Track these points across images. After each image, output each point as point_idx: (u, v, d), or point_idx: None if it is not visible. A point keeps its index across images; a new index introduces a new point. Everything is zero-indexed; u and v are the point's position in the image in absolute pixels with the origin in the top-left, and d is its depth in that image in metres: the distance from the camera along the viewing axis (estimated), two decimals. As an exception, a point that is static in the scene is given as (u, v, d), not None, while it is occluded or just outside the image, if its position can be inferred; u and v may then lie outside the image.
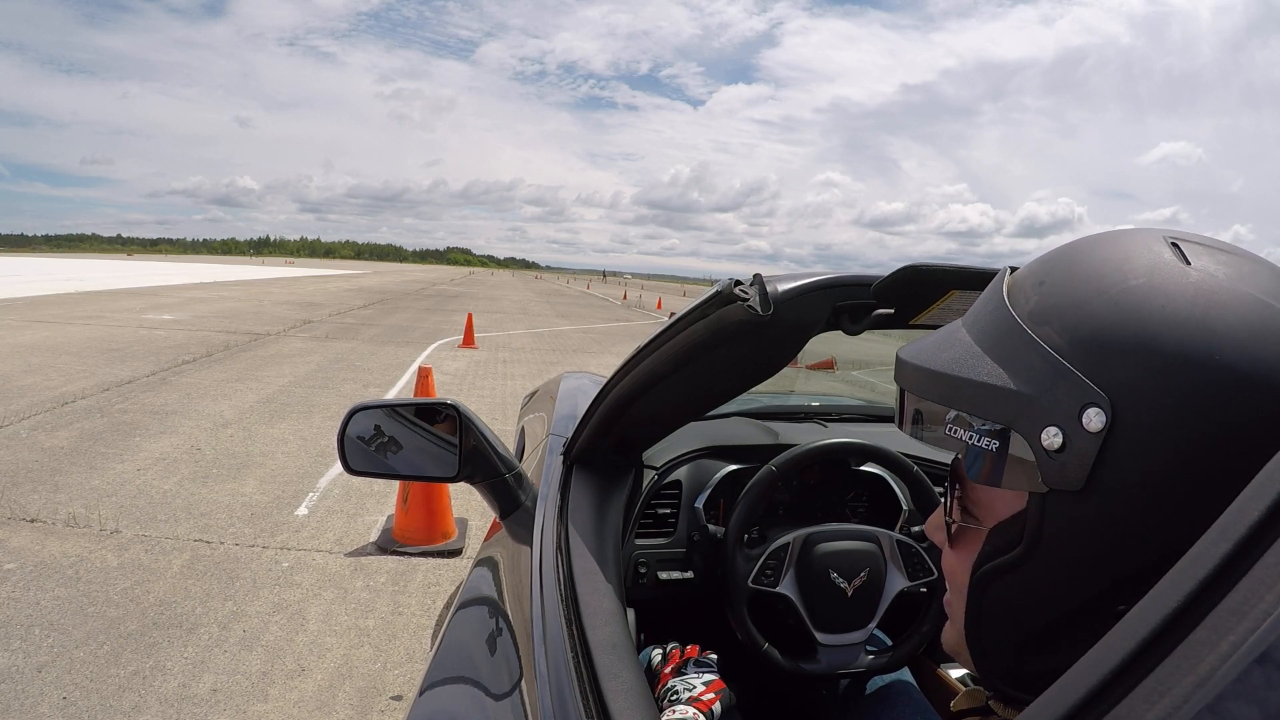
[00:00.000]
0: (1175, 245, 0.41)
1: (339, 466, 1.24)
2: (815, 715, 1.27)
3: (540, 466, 1.34)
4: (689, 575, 1.25)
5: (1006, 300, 0.44)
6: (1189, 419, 0.37)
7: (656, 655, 0.96)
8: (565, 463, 1.22)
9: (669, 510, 1.29)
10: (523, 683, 0.81)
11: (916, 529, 1.23)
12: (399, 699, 2.21)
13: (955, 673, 1.27)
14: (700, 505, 1.28)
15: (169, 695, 2.12)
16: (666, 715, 0.82)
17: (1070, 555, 0.41)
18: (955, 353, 0.45)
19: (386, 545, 3.26)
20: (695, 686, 0.86)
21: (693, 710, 0.82)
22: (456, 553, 3.26)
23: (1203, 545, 0.30)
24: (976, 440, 0.43)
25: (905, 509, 1.30)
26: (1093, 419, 0.38)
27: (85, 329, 9.59)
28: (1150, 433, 0.37)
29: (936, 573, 1.16)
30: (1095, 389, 0.38)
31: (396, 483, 3.48)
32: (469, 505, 3.70)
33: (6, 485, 3.69)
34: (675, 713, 0.82)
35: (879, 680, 1.17)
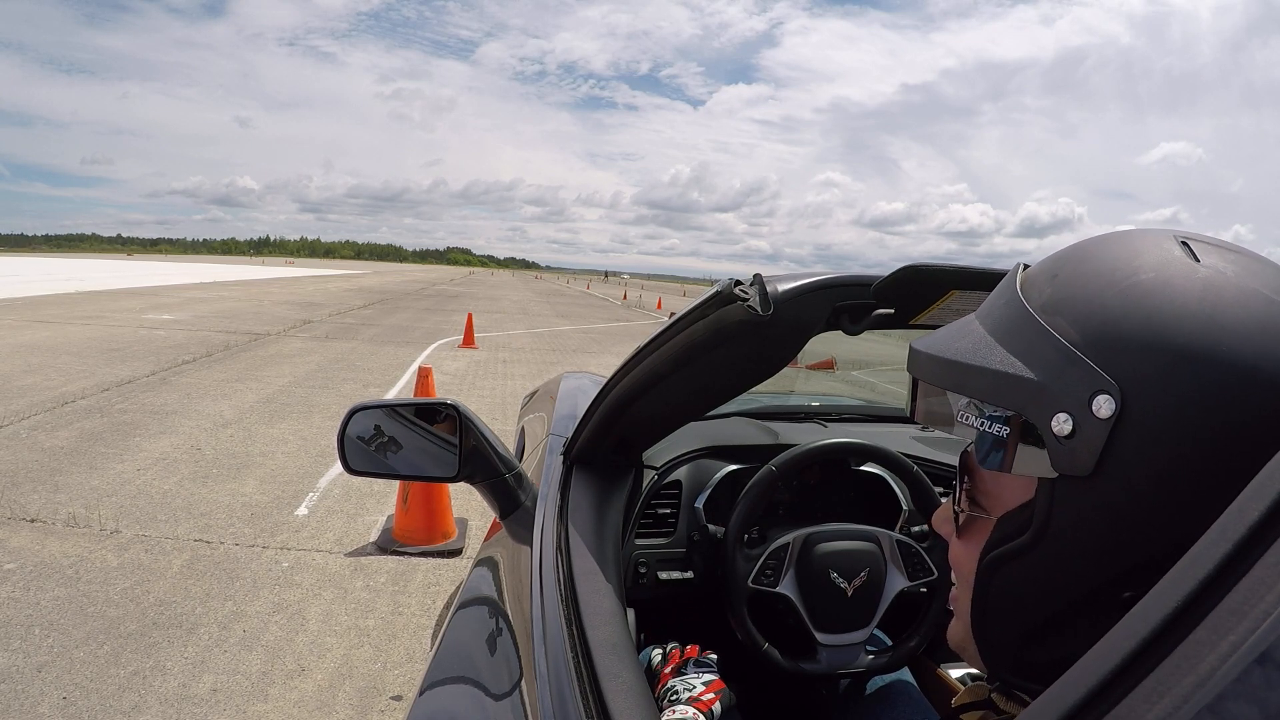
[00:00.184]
0: (1185, 244, 0.42)
1: (339, 466, 1.24)
2: (815, 715, 1.27)
3: (540, 466, 1.34)
4: (689, 575, 1.25)
5: (1020, 293, 0.45)
6: (1195, 409, 0.37)
7: (656, 655, 0.96)
8: (565, 463, 1.22)
9: (669, 510, 1.29)
10: (523, 683, 0.81)
11: (916, 529, 1.22)
12: (399, 699, 2.21)
13: (955, 672, 1.27)
14: (700, 505, 1.28)
15: (169, 695, 2.12)
16: (666, 715, 0.82)
17: (1077, 542, 0.41)
18: (968, 342, 0.46)
19: (386, 545, 3.26)
20: (695, 686, 0.86)
21: (693, 710, 0.82)
22: (456, 553, 3.26)
23: (1203, 545, 0.30)
24: (988, 427, 0.44)
25: (905, 509, 1.30)
26: (1102, 406, 0.39)
27: (85, 329, 9.59)
28: (1158, 420, 0.38)
29: (936, 573, 1.16)
30: (1105, 376, 0.39)
31: (396, 483, 3.48)
32: (469, 505, 3.70)
33: (6, 485, 3.69)
34: (675, 713, 0.82)
35: (879, 680, 1.17)
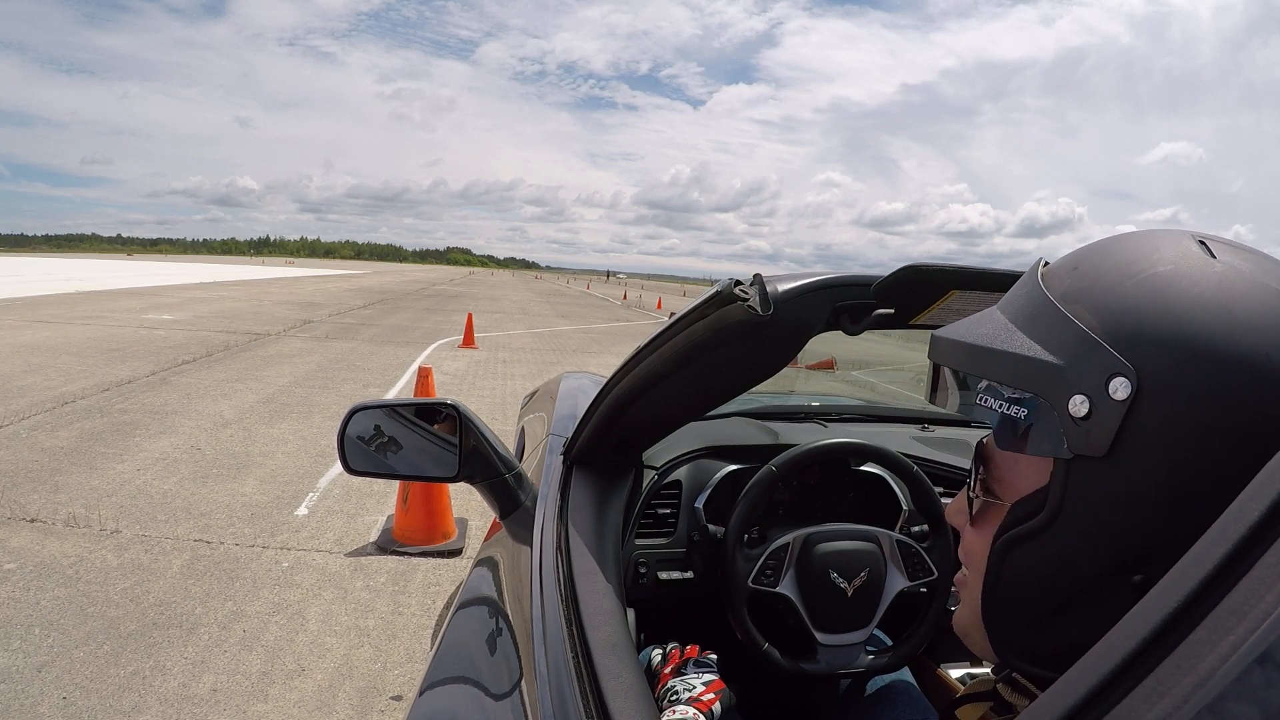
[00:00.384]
0: (1202, 243, 0.44)
1: (339, 466, 1.24)
2: (815, 715, 1.27)
3: (540, 466, 1.34)
4: (689, 575, 1.25)
5: (1041, 284, 0.47)
6: (1208, 394, 0.38)
7: (656, 655, 0.96)
8: (565, 463, 1.22)
9: (669, 510, 1.29)
10: (523, 683, 0.81)
11: (916, 529, 1.22)
12: (399, 699, 2.21)
13: (955, 672, 1.27)
14: (700, 505, 1.28)
15: (169, 695, 2.12)
16: (666, 715, 0.82)
17: (1089, 524, 0.42)
18: (990, 328, 0.48)
19: (386, 545, 3.26)
20: (695, 686, 0.86)
21: (693, 710, 0.82)
22: (456, 553, 3.26)
23: (1203, 545, 0.30)
24: (1006, 409, 0.45)
25: (905, 509, 1.30)
26: (1118, 388, 0.40)
27: (85, 329, 9.59)
28: (1172, 404, 0.39)
29: (936, 573, 1.16)
30: (1123, 360, 0.40)
31: (396, 483, 3.48)
32: (469, 505, 3.70)
33: (6, 485, 3.69)
34: (675, 713, 0.82)
35: (879, 680, 1.17)
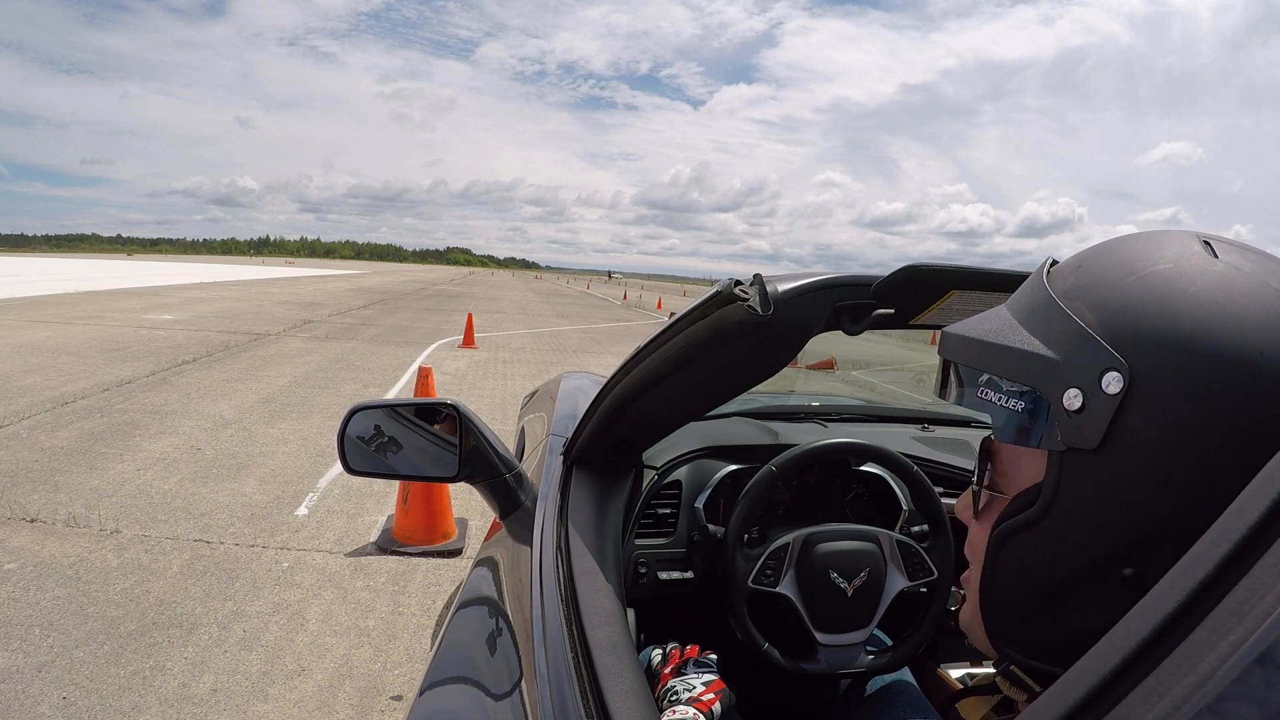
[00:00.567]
0: (1206, 243, 0.44)
1: (339, 466, 1.24)
2: (815, 715, 1.27)
3: (540, 466, 1.34)
4: (689, 575, 1.25)
5: (1046, 282, 0.48)
6: (1201, 390, 0.39)
7: (656, 655, 0.96)
8: (565, 463, 1.22)
9: (669, 510, 1.29)
10: (523, 683, 0.81)
11: (917, 529, 1.22)
12: (399, 699, 2.21)
13: (955, 672, 1.27)
14: (700, 505, 1.28)
15: (169, 695, 2.12)
16: (666, 715, 0.82)
17: (1082, 515, 0.43)
18: (994, 324, 0.49)
19: (386, 545, 3.26)
20: (695, 687, 0.86)
21: (693, 710, 0.82)
22: (456, 553, 3.26)
23: (1203, 545, 0.30)
24: (1004, 401, 0.47)
25: (905, 509, 1.30)
26: (1111, 382, 0.41)
27: (85, 329, 9.59)
28: (1165, 401, 0.39)
29: (936, 573, 1.16)
30: (1116, 355, 0.41)
31: (396, 483, 3.48)
32: (469, 505, 3.70)
33: (6, 485, 3.69)
34: (675, 713, 0.82)
35: (879, 680, 1.17)
